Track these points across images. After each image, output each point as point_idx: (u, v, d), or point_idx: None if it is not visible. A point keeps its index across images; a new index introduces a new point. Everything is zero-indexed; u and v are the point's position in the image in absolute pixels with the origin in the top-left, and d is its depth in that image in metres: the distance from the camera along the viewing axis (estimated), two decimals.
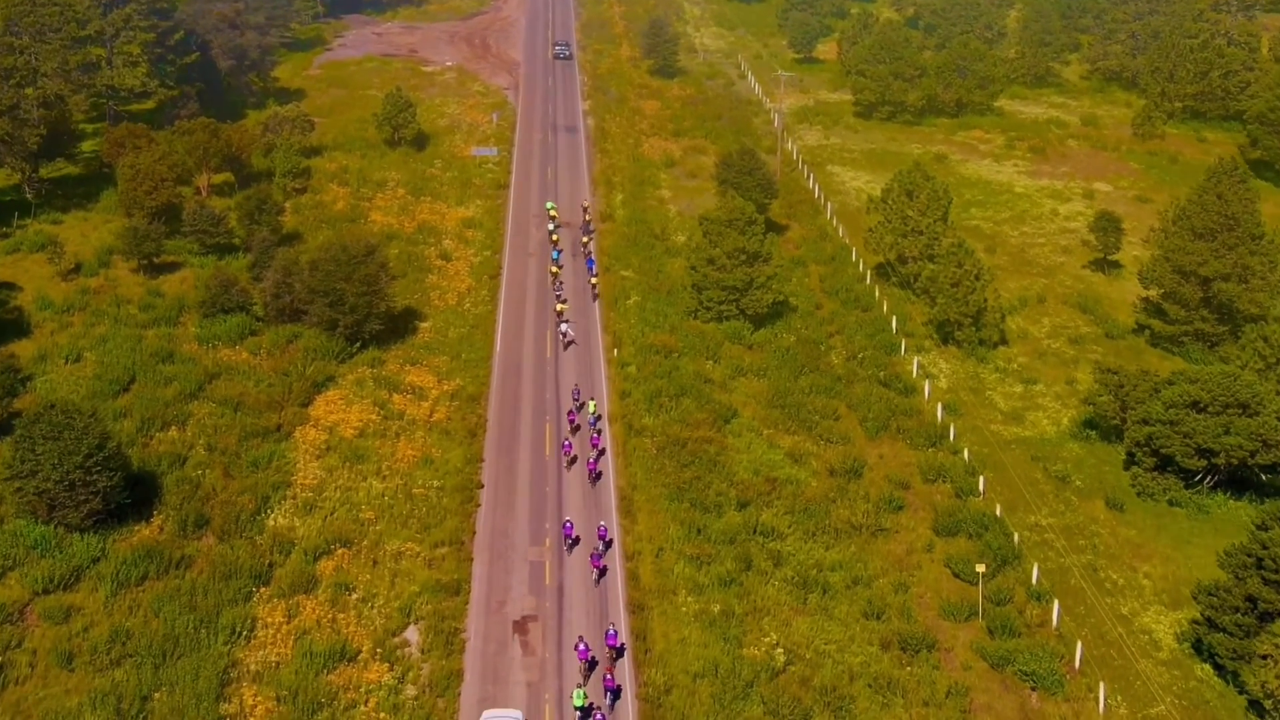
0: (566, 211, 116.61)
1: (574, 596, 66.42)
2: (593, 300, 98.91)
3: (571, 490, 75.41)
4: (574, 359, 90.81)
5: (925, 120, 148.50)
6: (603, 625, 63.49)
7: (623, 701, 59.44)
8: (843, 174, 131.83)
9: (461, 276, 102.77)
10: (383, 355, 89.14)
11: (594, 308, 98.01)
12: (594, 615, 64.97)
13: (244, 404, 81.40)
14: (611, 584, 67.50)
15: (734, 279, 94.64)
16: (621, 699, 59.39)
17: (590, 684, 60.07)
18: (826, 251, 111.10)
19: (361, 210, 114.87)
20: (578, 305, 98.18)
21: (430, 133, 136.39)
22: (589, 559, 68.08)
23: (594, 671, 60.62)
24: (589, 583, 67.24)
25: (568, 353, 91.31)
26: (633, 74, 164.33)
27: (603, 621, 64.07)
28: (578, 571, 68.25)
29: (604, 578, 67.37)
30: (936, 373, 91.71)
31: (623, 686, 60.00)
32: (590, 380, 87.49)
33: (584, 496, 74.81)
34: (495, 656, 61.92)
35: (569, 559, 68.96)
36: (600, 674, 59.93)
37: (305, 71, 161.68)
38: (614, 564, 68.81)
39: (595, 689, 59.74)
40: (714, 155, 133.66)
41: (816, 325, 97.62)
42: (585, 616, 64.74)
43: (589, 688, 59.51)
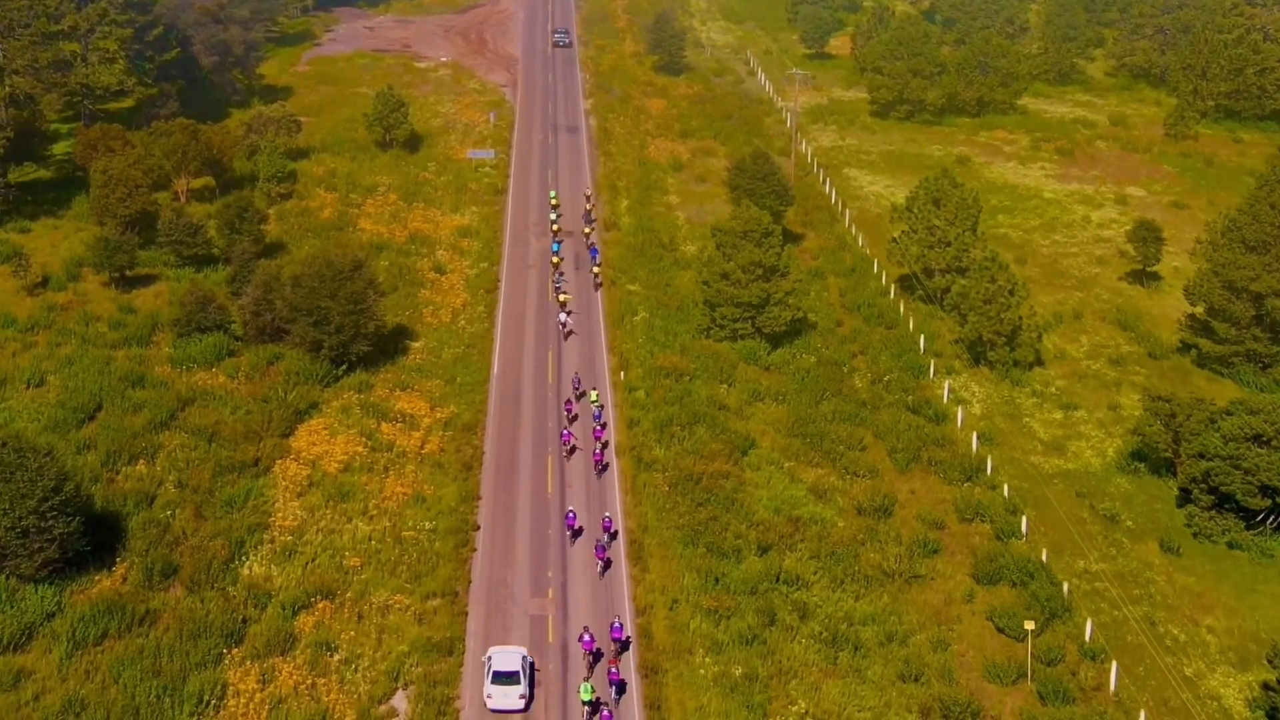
0: (569, 219, 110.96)
1: (578, 594, 64.85)
2: (595, 289, 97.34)
3: (574, 481, 73.98)
4: (575, 353, 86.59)
5: (945, 120, 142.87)
6: (608, 621, 61.76)
7: (628, 696, 57.65)
8: (860, 178, 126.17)
9: (456, 291, 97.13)
10: (371, 379, 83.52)
11: (596, 297, 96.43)
12: (600, 612, 63.11)
13: (219, 434, 75.78)
14: (616, 580, 65.84)
15: (750, 295, 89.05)
16: (626, 693, 57.69)
17: (595, 677, 58.34)
18: (846, 263, 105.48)
19: (350, 218, 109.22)
20: (580, 295, 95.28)
21: (423, 133, 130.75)
22: (593, 551, 66.73)
23: (599, 664, 59.30)
24: (592, 578, 65.88)
25: (568, 344, 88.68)
26: (637, 70, 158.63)
27: (608, 617, 62.28)
28: (579, 565, 66.80)
29: (609, 570, 66.10)
30: (969, 397, 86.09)
31: (627, 681, 58.25)
32: (592, 374, 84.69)
33: (587, 488, 73.07)
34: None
35: (571, 552, 67.67)
36: (604, 667, 58.41)
37: (293, 68, 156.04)
38: (619, 570, 66.66)
39: (600, 681, 58.20)
40: (724, 158, 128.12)
41: (838, 344, 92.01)
42: (591, 616, 63.11)
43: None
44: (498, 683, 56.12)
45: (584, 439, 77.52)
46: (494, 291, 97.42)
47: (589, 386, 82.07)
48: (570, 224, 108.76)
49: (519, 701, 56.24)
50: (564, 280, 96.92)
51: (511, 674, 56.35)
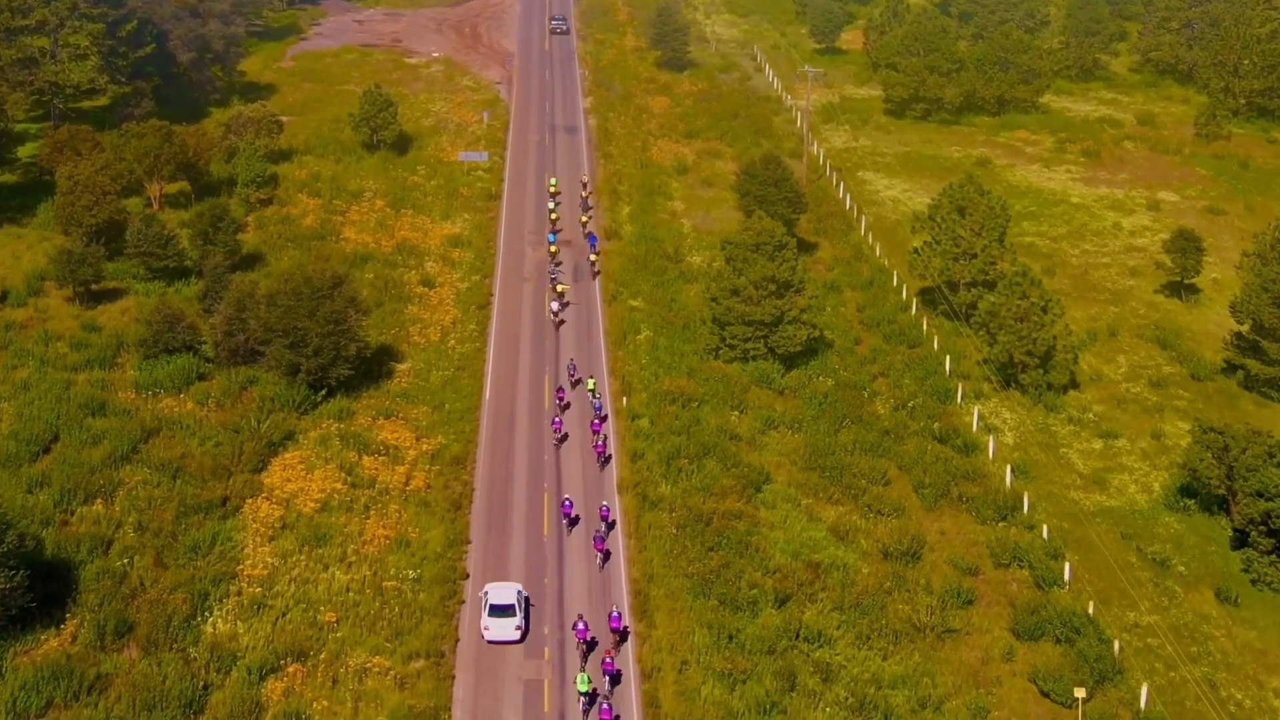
0: (567, 204, 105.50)
1: (575, 584, 63.60)
2: (592, 278, 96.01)
3: (569, 468, 73.08)
4: (571, 342, 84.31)
5: (963, 119, 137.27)
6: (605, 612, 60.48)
7: (624, 687, 56.53)
8: (876, 181, 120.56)
9: (446, 307, 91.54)
10: (352, 405, 77.98)
11: (594, 285, 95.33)
12: (597, 604, 61.90)
13: (185, 470, 70.23)
14: (615, 570, 64.48)
15: (762, 313, 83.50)
16: (622, 684, 56.71)
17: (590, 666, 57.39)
18: (863, 274, 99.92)
19: (333, 226, 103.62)
20: (577, 284, 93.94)
21: (413, 134, 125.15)
22: (591, 542, 65.75)
23: (593, 653, 58.43)
24: (591, 568, 64.77)
25: (562, 333, 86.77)
26: (639, 67, 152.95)
27: (605, 608, 61.10)
28: (577, 553, 65.86)
29: (608, 562, 64.89)
30: (1000, 425, 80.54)
31: (623, 671, 57.42)
32: (589, 364, 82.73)
33: (584, 476, 72.08)
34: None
35: (568, 541, 67.03)
36: (600, 656, 57.38)
37: (277, 64, 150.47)
38: (618, 568, 65.83)
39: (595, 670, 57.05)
40: (731, 160, 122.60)
41: (857, 365, 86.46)
42: (588, 605, 62.10)
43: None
44: (494, 615, 59.04)
45: (581, 430, 75.78)
46: (486, 307, 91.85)
47: (585, 374, 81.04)
48: (567, 216, 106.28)
49: (515, 633, 59.08)
50: (560, 270, 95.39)
51: (507, 607, 59.20)
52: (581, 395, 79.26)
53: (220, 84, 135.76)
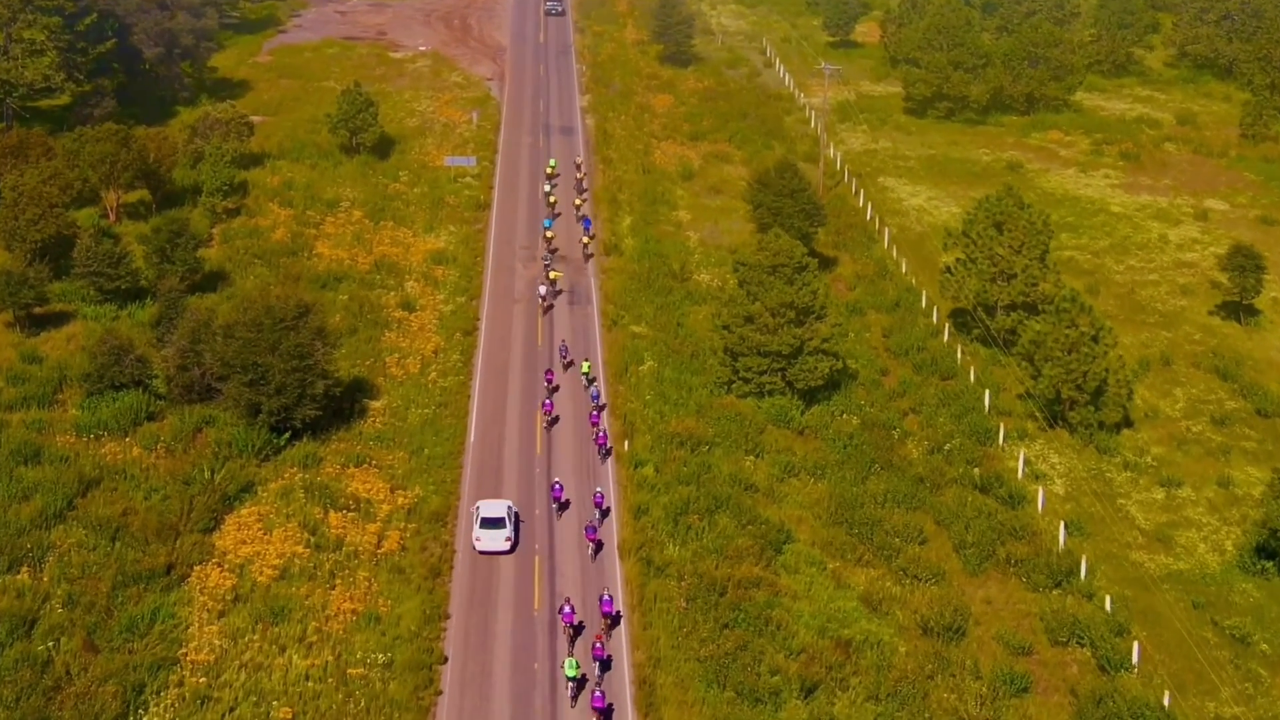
0: (564, 243, 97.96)
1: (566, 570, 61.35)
2: (585, 261, 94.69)
3: (560, 451, 71.69)
4: (567, 327, 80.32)
5: (990, 119, 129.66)
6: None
7: (616, 674, 55.16)
8: (898, 188, 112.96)
9: (428, 333, 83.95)
10: (319, 450, 70.50)
11: (587, 268, 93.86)
12: (590, 591, 60.63)
13: (126, 530, 62.79)
14: (609, 558, 63.22)
15: (779, 343, 75.97)
16: (612, 670, 55.32)
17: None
18: (888, 294, 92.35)
19: (305, 240, 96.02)
20: (572, 268, 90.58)
21: (396, 136, 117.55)
22: (583, 531, 64.18)
23: (580, 638, 57.16)
24: (584, 559, 63.14)
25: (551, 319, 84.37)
26: (640, 61, 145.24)
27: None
28: (569, 538, 64.82)
29: (600, 552, 63.44)
30: (1048, 471, 73.01)
31: (613, 657, 55.98)
32: (585, 348, 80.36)
33: (577, 458, 70.87)
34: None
35: (558, 524, 65.81)
36: (589, 641, 56.10)
37: (252, 59, 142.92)
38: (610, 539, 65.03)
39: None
40: (740, 164, 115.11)
41: (884, 400, 78.92)
42: (578, 590, 60.96)
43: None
44: (485, 528, 63.06)
45: (577, 418, 74.40)
46: (473, 334, 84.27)
47: (580, 357, 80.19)
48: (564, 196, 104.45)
49: (505, 544, 63.08)
50: (554, 258, 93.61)
51: (498, 520, 63.21)
52: (570, 378, 78.03)
53: (189, 81, 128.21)
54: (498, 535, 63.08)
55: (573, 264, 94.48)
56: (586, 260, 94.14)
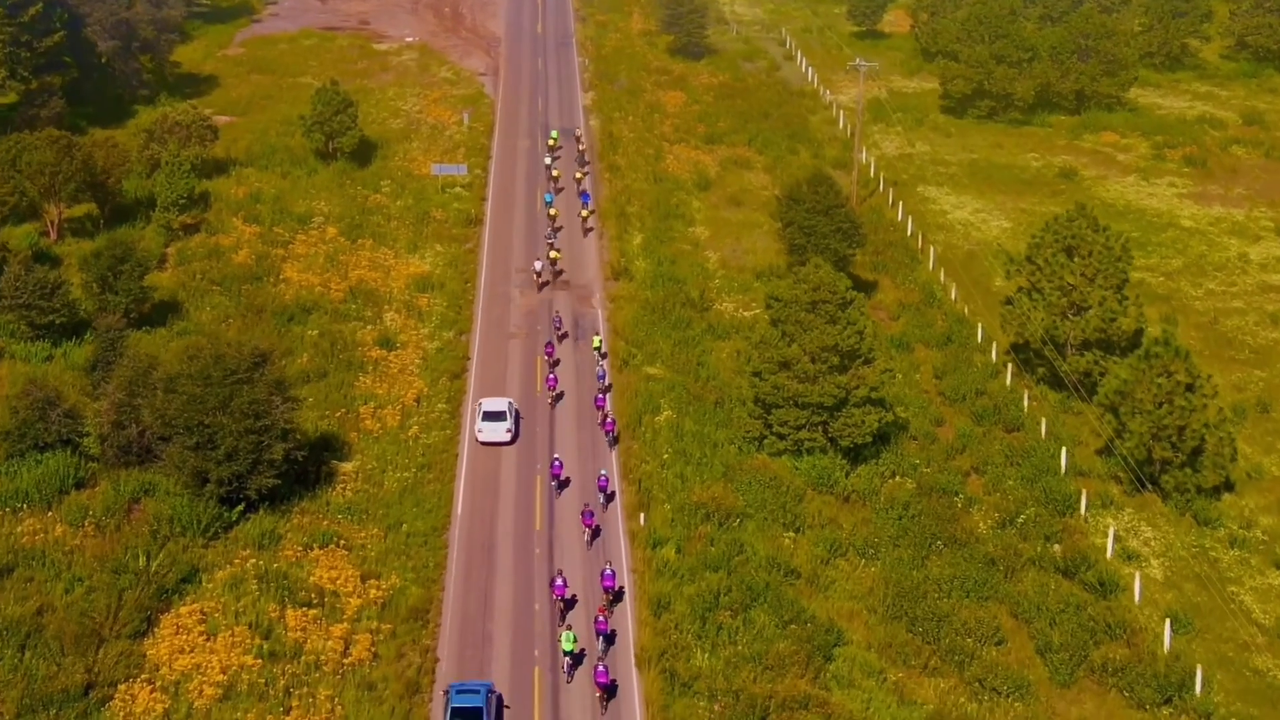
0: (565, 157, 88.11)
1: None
2: (584, 235, 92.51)
3: (562, 427, 69.98)
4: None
5: (1036, 118, 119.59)
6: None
7: (621, 648, 53.35)
8: (940, 199, 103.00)
9: (409, 376, 73.99)
10: (278, 526, 60.61)
11: (585, 243, 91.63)
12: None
13: (39, 635, 52.96)
14: (612, 538, 60.96)
15: (821, 393, 66.06)
16: (615, 645, 53.45)
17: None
18: (937, 326, 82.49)
19: (272, 262, 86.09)
20: (569, 243, 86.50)
21: (378, 139, 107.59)
22: (580, 517, 61.25)
23: (572, 612, 55.54)
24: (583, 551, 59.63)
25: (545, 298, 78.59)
26: (648, 54, 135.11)
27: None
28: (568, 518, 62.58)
29: (597, 539, 60.66)
30: (1141, 548, 63.12)
31: (617, 632, 54.04)
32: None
33: (578, 436, 68.90)
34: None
35: (558, 503, 63.65)
36: (589, 615, 54.70)
37: (222, 51, 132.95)
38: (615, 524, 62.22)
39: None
40: (762, 170, 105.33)
41: (942, 458, 69.02)
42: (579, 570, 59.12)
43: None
44: (487, 420, 67.82)
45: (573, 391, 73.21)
46: (461, 377, 74.36)
47: (592, 331, 78.18)
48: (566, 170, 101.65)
49: (505, 435, 67.68)
50: (557, 237, 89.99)
51: (499, 413, 68.12)
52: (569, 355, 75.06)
53: (149, 77, 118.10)
54: (499, 427, 67.77)
55: (576, 292, 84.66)
56: (585, 234, 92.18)
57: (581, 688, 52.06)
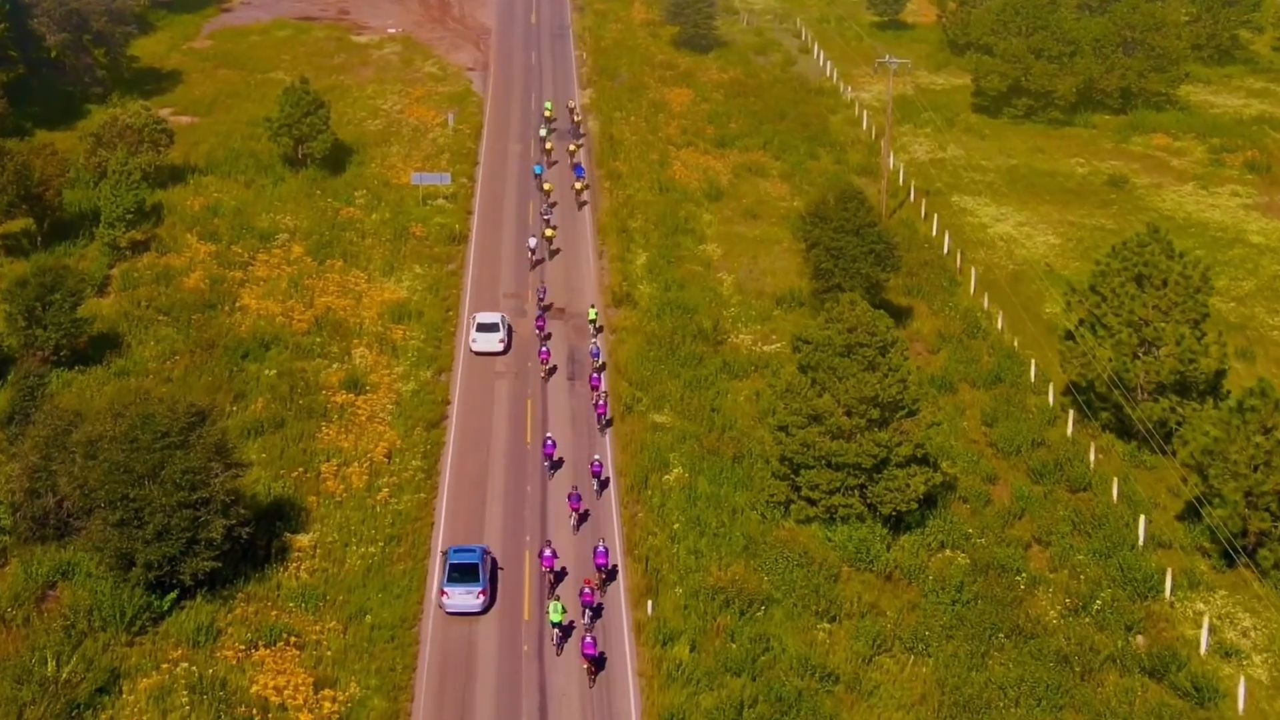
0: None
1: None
2: (578, 209, 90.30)
3: (555, 402, 67.57)
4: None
5: (1078, 118, 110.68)
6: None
7: (612, 623, 51.79)
8: (978, 210, 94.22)
9: (379, 426, 65.24)
10: (218, 618, 51.92)
11: (580, 217, 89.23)
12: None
13: None
14: (605, 519, 58.47)
15: (858, 452, 57.36)
16: (603, 619, 51.92)
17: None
18: (983, 361, 73.73)
19: (228, 287, 77.40)
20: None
21: (354, 143, 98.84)
22: (566, 500, 58.82)
23: (561, 585, 53.67)
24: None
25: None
26: (651, 47, 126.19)
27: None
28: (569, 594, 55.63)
29: (584, 524, 58.25)
30: (1240, 641, 54.35)
31: (604, 606, 52.71)
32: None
33: (571, 413, 66.49)
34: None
35: (550, 486, 61.08)
36: (576, 587, 52.97)
37: (188, 43, 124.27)
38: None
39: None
40: (779, 178, 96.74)
41: (997, 524, 60.31)
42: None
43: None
44: (481, 331, 71.66)
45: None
46: (439, 426, 65.61)
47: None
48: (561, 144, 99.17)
49: (499, 345, 71.30)
50: (552, 212, 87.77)
51: (492, 325, 71.90)
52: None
53: (103, 74, 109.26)
54: (492, 338, 71.28)
55: (573, 322, 75.99)
56: (580, 208, 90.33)
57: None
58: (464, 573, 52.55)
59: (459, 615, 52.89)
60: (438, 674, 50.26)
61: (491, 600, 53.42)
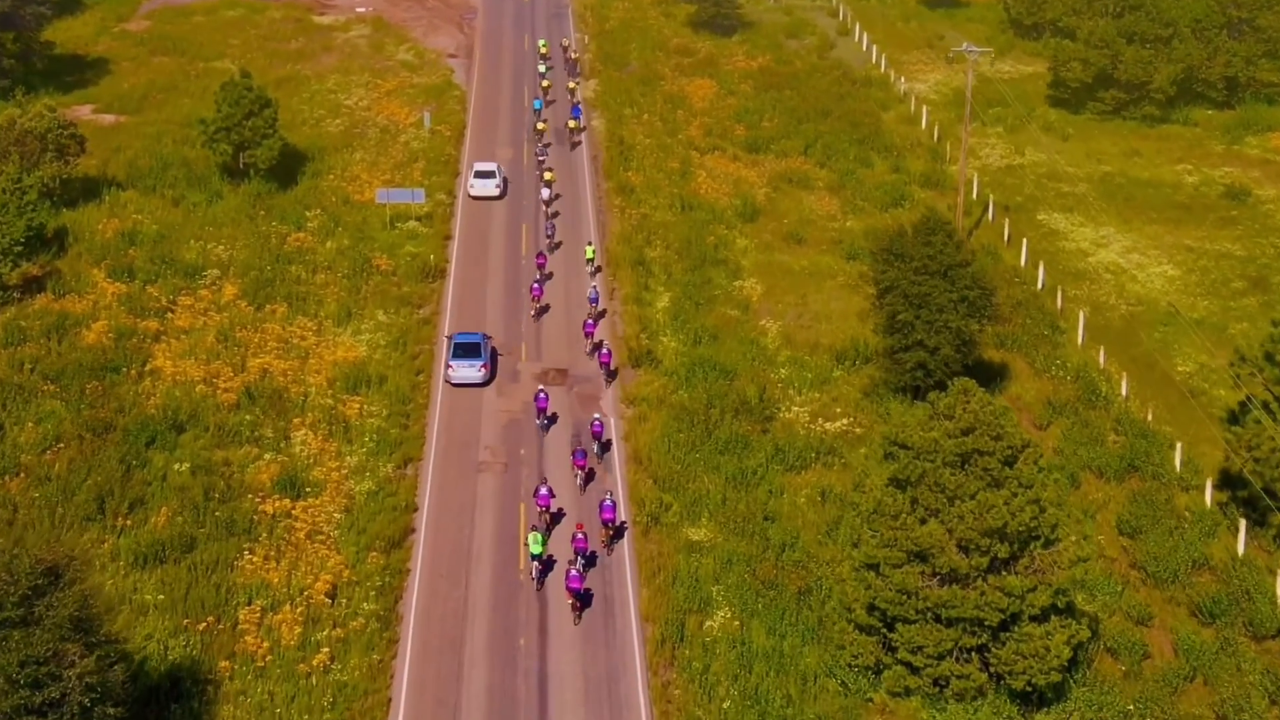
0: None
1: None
2: (570, 149, 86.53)
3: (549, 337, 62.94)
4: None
5: (1175, 114, 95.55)
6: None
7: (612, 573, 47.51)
8: (1070, 231, 79.41)
9: (322, 547, 50.22)
10: None
11: (574, 157, 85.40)
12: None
13: None
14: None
15: (978, 602, 42.53)
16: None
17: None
18: (1108, 441, 58.75)
19: (139, 343, 62.52)
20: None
21: (309, 148, 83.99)
22: (571, 457, 53.88)
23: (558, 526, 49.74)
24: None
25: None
26: (665, 28, 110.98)
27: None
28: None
29: (590, 483, 53.40)
30: None
31: (598, 554, 48.81)
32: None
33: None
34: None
35: (546, 441, 56.05)
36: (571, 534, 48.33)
37: (121, 25, 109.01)
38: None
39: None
40: (827, 190, 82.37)
41: (1163, 692, 45.42)
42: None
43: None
44: (478, 177, 78.06)
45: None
46: (403, 545, 50.66)
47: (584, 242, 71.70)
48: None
49: (495, 190, 77.82)
50: (547, 154, 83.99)
51: (489, 172, 78.20)
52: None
53: (11, 63, 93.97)
54: (488, 184, 76.59)
55: (578, 389, 61.14)
56: (573, 149, 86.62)
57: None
58: (467, 350, 60.22)
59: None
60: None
61: (492, 374, 60.64)
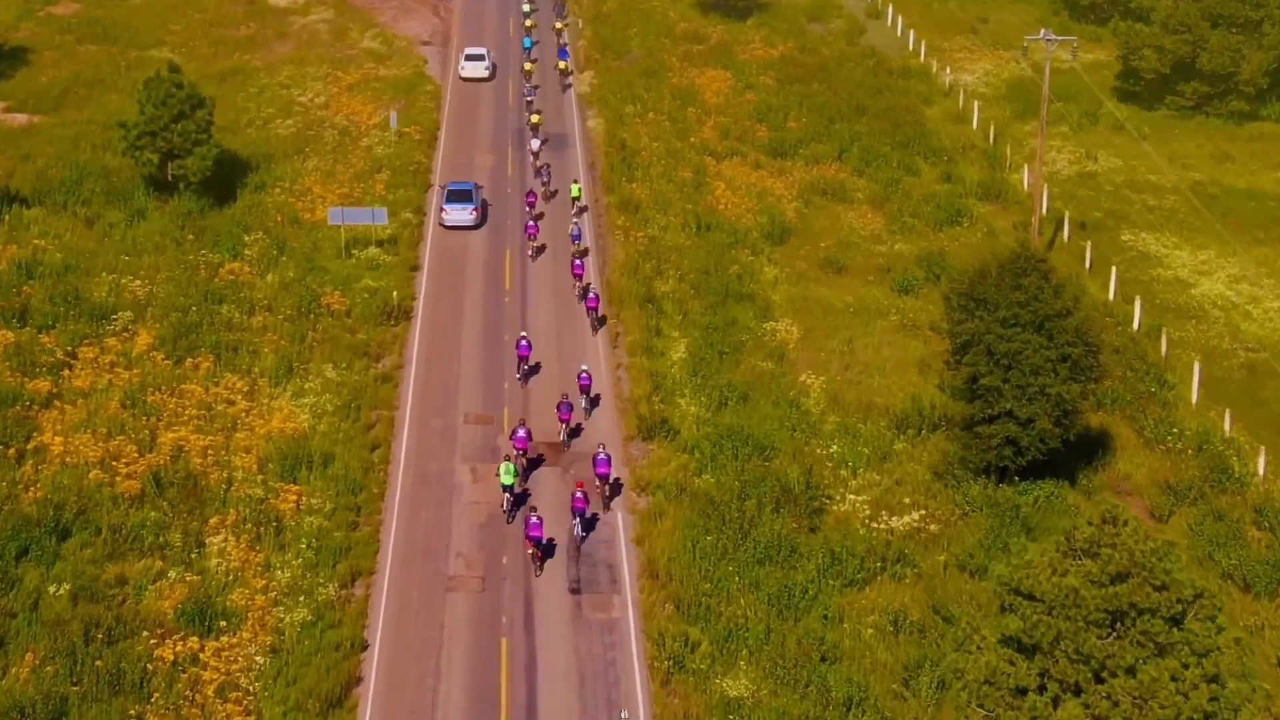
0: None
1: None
2: (562, 92, 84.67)
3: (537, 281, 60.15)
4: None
5: (1265, 110, 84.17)
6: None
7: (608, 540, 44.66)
8: (1164, 255, 68.14)
9: (235, 710, 38.52)
10: None
11: (566, 100, 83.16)
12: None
13: None
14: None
15: None
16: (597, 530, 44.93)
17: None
18: (1249, 539, 47.26)
19: (23, 411, 50.86)
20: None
21: (254, 154, 72.61)
22: (556, 409, 50.73)
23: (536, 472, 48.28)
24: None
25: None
26: (670, 11, 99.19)
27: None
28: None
29: (575, 439, 51.10)
30: None
31: (599, 516, 46.19)
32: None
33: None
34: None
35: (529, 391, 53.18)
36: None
37: (48, 8, 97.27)
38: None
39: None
40: (868, 203, 71.01)
41: None
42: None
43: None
44: (469, 61, 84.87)
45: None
46: (346, 701, 39.06)
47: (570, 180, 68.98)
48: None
49: (484, 71, 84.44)
50: (535, 94, 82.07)
51: (479, 55, 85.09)
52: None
53: None
54: (478, 66, 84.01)
55: (576, 470, 49.54)
56: (564, 91, 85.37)
57: None
58: (460, 195, 66.19)
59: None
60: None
61: (483, 219, 65.76)
